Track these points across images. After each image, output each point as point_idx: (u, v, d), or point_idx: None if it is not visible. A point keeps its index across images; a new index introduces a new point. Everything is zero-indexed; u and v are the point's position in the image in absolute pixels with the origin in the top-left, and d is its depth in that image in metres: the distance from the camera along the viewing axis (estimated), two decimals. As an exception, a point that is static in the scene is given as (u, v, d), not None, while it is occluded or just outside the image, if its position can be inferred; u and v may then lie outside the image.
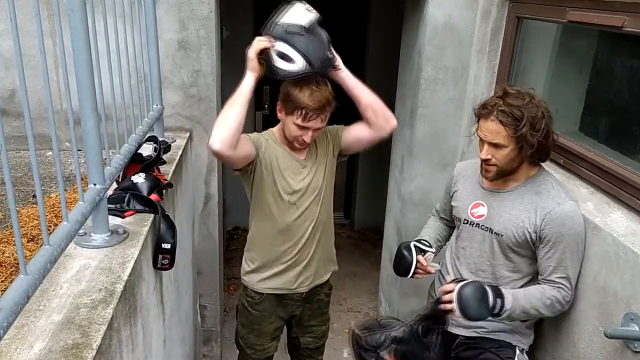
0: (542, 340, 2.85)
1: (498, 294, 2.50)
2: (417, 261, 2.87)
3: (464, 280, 2.61)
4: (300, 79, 2.73)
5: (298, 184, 3.00)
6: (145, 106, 3.03)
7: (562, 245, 2.46)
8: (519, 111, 2.40)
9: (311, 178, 3.04)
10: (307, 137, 2.87)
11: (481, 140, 2.54)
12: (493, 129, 2.46)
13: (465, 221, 2.77)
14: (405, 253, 2.91)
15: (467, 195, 2.80)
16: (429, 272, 2.87)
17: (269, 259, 3.13)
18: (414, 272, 2.88)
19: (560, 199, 2.48)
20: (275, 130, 3.06)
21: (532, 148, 2.44)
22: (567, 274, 2.49)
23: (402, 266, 2.91)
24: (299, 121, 2.82)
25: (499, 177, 2.60)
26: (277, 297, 3.21)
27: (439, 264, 2.97)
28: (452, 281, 2.63)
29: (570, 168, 2.87)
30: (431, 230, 3.13)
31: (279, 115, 2.93)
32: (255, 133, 3.05)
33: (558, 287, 2.51)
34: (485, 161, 2.56)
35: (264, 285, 3.17)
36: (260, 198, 3.01)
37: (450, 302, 2.53)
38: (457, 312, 2.50)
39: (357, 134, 3.06)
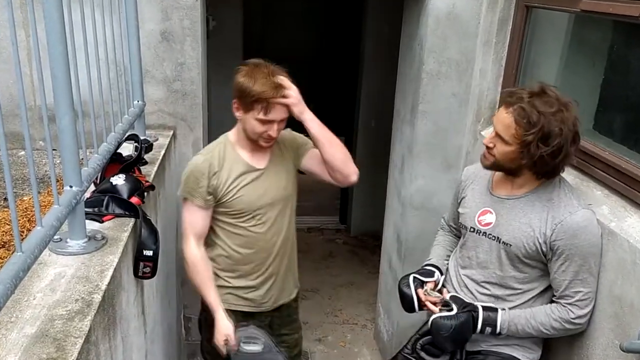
0: (551, 355, 2.85)
1: (487, 321, 2.62)
2: (418, 295, 2.88)
3: (449, 305, 2.73)
4: (251, 69, 2.79)
5: (261, 197, 2.99)
6: (125, 102, 3.02)
7: (576, 259, 2.44)
8: (538, 117, 2.37)
9: (275, 188, 3.04)
10: (273, 131, 2.84)
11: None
12: (506, 121, 2.46)
13: (472, 229, 2.76)
14: (405, 290, 2.93)
15: (475, 202, 2.80)
16: (436, 303, 2.85)
17: (233, 275, 3.11)
18: (420, 307, 2.89)
19: (573, 208, 2.46)
20: (231, 134, 3.03)
21: (530, 159, 2.43)
22: (583, 289, 2.47)
23: (406, 304, 2.94)
24: (260, 115, 2.79)
25: (495, 169, 2.65)
26: (243, 312, 3.18)
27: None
28: (441, 300, 2.79)
29: (584, 169, 2.86)
30: (440, 248, 3.12)
31: (236, 114, 2.90)
32: (201, 159, 2.95)
33: (571, 305, 2.50)
34: (487, 147, 2.57)
35: (228, 302, 3.12)
36: (221, 214, 3.01)
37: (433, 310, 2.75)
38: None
39: (314, 167, 3.11)
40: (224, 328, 2.96)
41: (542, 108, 2.39)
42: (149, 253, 2.40)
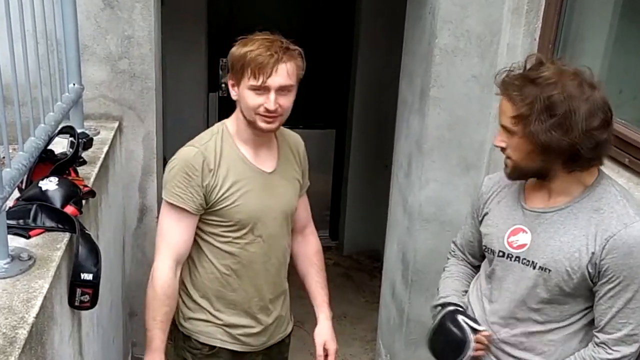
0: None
1: None
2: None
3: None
4: (249, 38, 2.89)
5: (264, 208, 3.01)
6: (58, 85, 3.02)
7: (629, 283, 2.40)
8: (534, 86, 2.39)
9: (282, 199, 3.07)
10: (270, 103, 2.82)
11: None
12: (502, 106, 2.50)
13: (501, 253, 2.72)
14: (455, 331, 2.78)
15: (502, 218, 2.75)
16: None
17: (221, 307, 3.11)
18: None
19: (628, 218, 2.42)
20: (229, 123, 3.04)
21: (543, 143, 2.37)
22: (634, 322, 2.45)
23: (451, 348, 2.79)
24: (252, 81, 2.80)
25: (521, 177, 2.61)
26: (232, 351, 3.20)
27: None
28: (486, 337, 2.73)
29: (639, 170, 2.88)
30: (455, 281, 3.05)
31: (232, 93, 2.95)
32: (192, 151, 2.94)
33: (615, 341, 2.44)
34: (502, 152, 2.58)
35: (214, 337, 3.13)
36: (211, 225, 3.00)
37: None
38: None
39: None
40: None
41: (535, 76, 2.41)
42: (88, 277, 2.39)
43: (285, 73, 2.83)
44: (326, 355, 3.25)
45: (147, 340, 2.96)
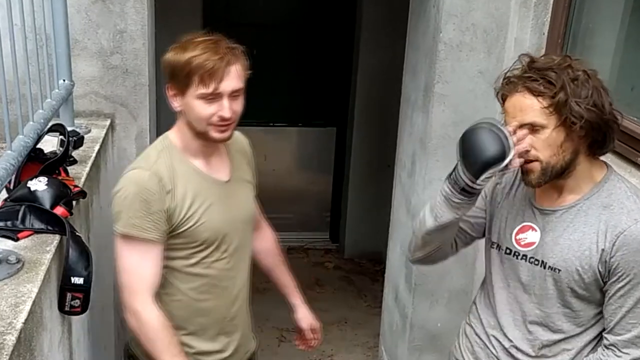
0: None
1: None
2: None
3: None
4: (183, 42, 2.70)
5: (228, 220, 2.89)
6: (47, 82, 3.02)
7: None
8: (553, 72, 2.41)
9: (242, 207, 3.00)
10: (225, 109, 2.67)
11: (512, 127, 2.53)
12: (523, 104, 2.45)
13: (508, 251, 2.72)
14: (494, 130, 2.52)
15: (512, 214, 2.75)
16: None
17: (187, 333, 2.95)
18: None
19: (639, 214, 2.43)
20: (173, 136, 2.87)
21: (581, 120, 2.40)
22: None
23: (493, 147, 2.51)
24: (202, 89, 2.63)
25: (548, 179, 2.54)
26: None
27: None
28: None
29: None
30: None
31: (174, 105, 2.77)
32: (145, 175, 2.73)
33: (624, 343, 2.44)
34: (522, 158, 2.53)
35: None
36: (175, 250, 2.84)
37: None
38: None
39: None
40: None
41: (547, 65, 2.44)
42: (79, 281, 2.38)
43: (236, 76, 2.69)
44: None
45: None
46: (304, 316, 3.33)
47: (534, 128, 2.45)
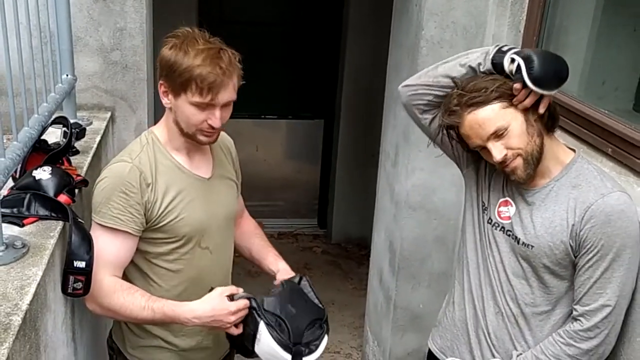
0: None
1: None
2: None
3: None
4: (181, 40, 2.58)
5: (209, 216, 2.83)
6: (51, 77, 3.02)
7: (607, 252, 2.42)
8: (477, 80, 2.50)
9: (224, 203, 2.93)
10: (215, 119, 2.60)
11: (480, 147, 2.53)
12: (478, 120, 2.46)
13: (490, 220, 2.74)
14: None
15: (498, 187, 2.75)
16: None
17: (170, 331, 2.87)
18: None
19: (605, 189, 2.44)
20: (158, 131, 2.80)
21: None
22: (610, 292, 2.45)
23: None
24: (197, 98, 2.54)
25: (533, 168, 2.52)
26: None
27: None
28: None
29: (622, 160, 2.87)
30: None
31: (164, 100, 2.68)
32: (126, 167, 2.65)
33: (588, 312, 2.46)
34: (503, 165, 2.53)
35: None
36: (154, 244, 2.76)
37: None
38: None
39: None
40: (218, 306, 2.66)
41: (470, 79, 2.53)
42: (81, 265, 2.37)
43: (232, 88, 2.61)
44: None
45: (168, 316, 2.65)
46: (287, 272, 3.03)
47: (499, 134, 2.46)
